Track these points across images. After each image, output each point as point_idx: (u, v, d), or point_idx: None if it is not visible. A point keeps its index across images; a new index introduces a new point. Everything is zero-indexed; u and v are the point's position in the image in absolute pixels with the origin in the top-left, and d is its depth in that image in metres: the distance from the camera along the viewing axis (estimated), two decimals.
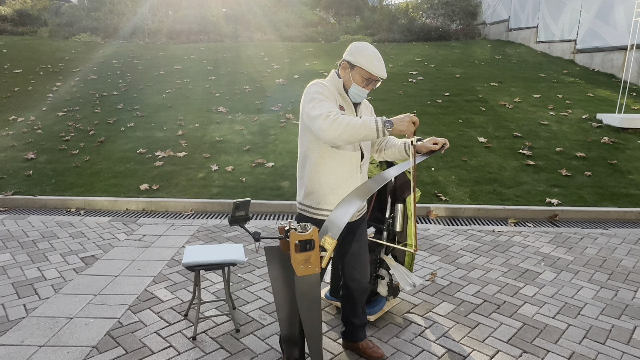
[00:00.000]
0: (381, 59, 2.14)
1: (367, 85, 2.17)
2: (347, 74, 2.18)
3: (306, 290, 1.91)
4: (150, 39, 15.50)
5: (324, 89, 2.13)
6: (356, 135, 1.95)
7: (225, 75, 10.42)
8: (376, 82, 2.18)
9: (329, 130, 1.95)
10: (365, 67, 2.11)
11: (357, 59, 2.13)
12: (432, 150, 2.29)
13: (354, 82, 2.16)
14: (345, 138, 1.96)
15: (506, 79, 10.09)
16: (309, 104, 2.08)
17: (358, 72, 2.14)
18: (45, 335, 2.68)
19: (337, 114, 1.99)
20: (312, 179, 2.22)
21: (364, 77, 2.14)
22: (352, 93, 2.20)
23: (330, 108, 2.03)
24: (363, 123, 1.95)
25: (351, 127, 1.94)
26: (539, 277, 3.62)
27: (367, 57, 2.11)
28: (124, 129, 7.36)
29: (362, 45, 2.16)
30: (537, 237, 4.55)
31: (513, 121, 7.65)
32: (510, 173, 6.03)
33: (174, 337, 2.69)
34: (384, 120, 1.96)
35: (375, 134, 1.95)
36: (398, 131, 2.00)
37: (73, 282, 3.38)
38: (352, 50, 2.17)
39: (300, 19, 17.11)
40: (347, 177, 2.22)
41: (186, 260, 2.62)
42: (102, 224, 4.69)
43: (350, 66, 2.16)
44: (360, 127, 1.94)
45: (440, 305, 3.13)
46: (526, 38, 13.95)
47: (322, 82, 2.19)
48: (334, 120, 1.95)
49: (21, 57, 11.93)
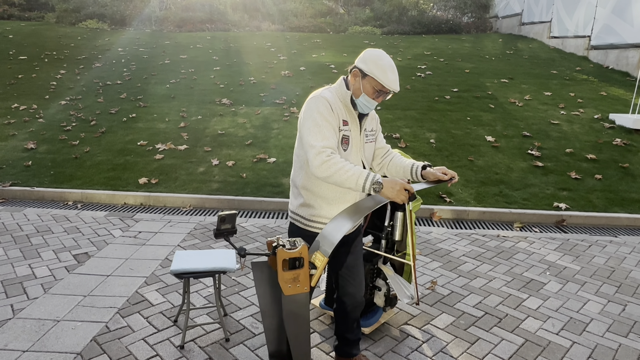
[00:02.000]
0: (396, 71, 1.98)
1: (378, 97, 2.01)
2: (358, 83, 2.01)
3: (294, 310, 1.80)
4: (157, 26, 15.36)
5: (325, 107, 1.95)
6: (341, 184, 1.88)
7: (231, 65, 10.28)
8: (387, 94, 2.01)
9: (317, 169, 1.87)
10: (378, 79, 1.94)
11: (371, 68, 1.96)
12: (440, 180, 2.18)
13: (363, 92, 2.00)
14: (331, 182, 1.90)
15: (517, 75, 9.84)
16: (308, 122, 1.94)
17: (369, 82, 1.98)
18: (30, 340, 2.60)
19: (331, 154, 1.87)
20: (307, 189, 2.10)
21: (376, 88, 1.98)
22: (360, 103, 2.04)
23: (326, 140, 1.90)
24: (351, 177, 1.84)
25: (339, 176, 1.85)
26: (543, 287, 3.49)
27: (381, 68, 1.94)
28: (125, 120, 7.27)
29: (377, 53, 1.98)
30: (543, 243, 4.40)
31: (522, 120, 7.45)
32: (518, 174, 5.86)
33: (162, 345, 2.61)
34: (374, 181, 1.83)
35: (360, 190, 1.87)
36: (386, 196, 1.86)
37: (64, 281, 3.31)
38: (365, 58, 1.99)
39: (309, 9, 16.86)
40: (344, 191, 2.08)
41: (175, 267, 2.52)
42: (98, 219, 4.61)
43: (362, 75, 1.99)
44: (347, 179, 1.85)
45: (440, 317, 3.02)
46: (539, 33, 13.61)
47: (327, 95, 1.99)
48: (325, 161, 1.85)
49: (27, 43, 11.86)
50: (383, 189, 1.85)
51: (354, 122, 2.08)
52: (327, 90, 2.05)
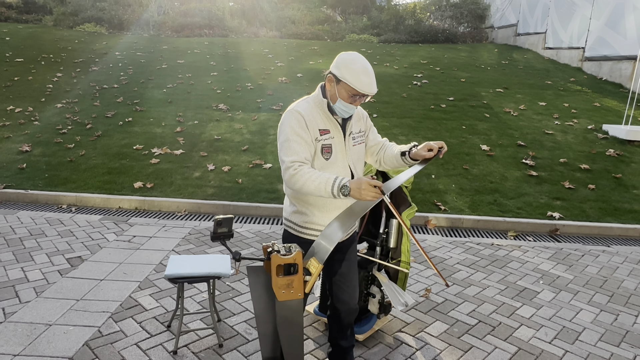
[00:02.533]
0: (370, 73, 1.95)
1: (354, 101, 1.98)
2: (333, 88, 1.99)
3: (287, 316, 1.80)
4: (155, 31, 15.39)
5: (297, 121, 1.95)
6: (313, 194, 1.89)
7: (228, 71, 10.31)
8: (364, 97, 1.99)
9: (288, 183, 1.92)
10: (351, 84, 1.91)
11: (343, 73, 1.93)
12: (427, 158, 2.11)
13: (339, 97, 1.98)
14: (304, 193, 1.93)
15: (512, 85, 9.94)
16: (280, 137, 1.97)
17: (344, 87, 1.95)
18: (22, 344, 2.58)
19: (299, 167, 1.88)
20: (297, 198, 2.10)
21: (350, 92, 1.95)
22: (338, 109, 2.01)
23: (295, 154, 1.91)
24: (319, 186, 1.84)
25: (307, 186, 1.86)
26: (537, 296, 3.51)
27: (353, 72, 1.92)
28: (121, 124, 7.26)
29: (349, 57, 1.96)
30: (537, 252, 4.43)
31: (517, 129, 7.51)
32: (512, 183, 5.90)
33: (154, 351, 2.59)
34: (342, 185, 1.80)
35: (331, 197, 1.86)
36: (356, 197, 1.79)
37: (56, 285, 3.29)
38: (338, 63, 1.97)
39: (307, 16, 16.96)
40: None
41: (169, 271, 2.52)
42: (93, 223, 4.59)
43: (336, 80, 1.97)
44: (316, 189, 1.85)
45: (433, 325, 3.02)
46: (534, 43, 13.77)
47: (300, 108, 1.99)
48: (293, 175, 1.88)
49: (24, 46, 11.84)
50: (351, 192, 1.79)
51: (335, 128, 2.05)
52: (304, 102, 2.05)
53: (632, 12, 9.78)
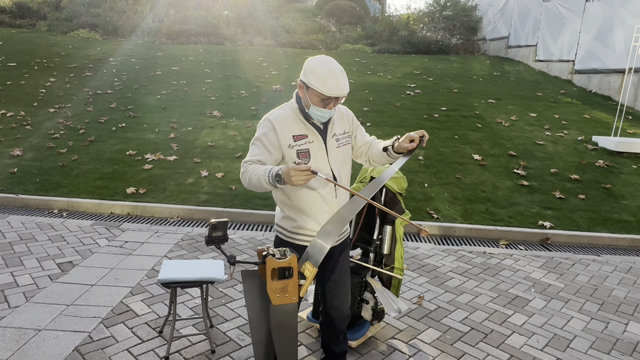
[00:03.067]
0: (337, 74, 1.90)
1: (327, 105, 1.97)
2: (305, 95, 1.99)
3: (282, 320, 1.80)
4: (149, 38, 15.39)
5: (265, 128, 2.00)
6: (258, 189, 1.93)
7: (223, 78, 10.33)
8: (337, 99, 1.97)
9: (243, 183, 1.98)
10: (318, 89, 1.90)
11: (309, 79, 1.92)
12: (411, 149, 2.11)
13: (312, 103, 1.97)
14: (255, 190, 1.96)
15: (504, 96, 10.07)
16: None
17: (313, 93, 1.94)
18: (10, 349, 2.54)
19: (247, 166, 1.96)
20: (284, 203, 2.11)
21: (320, 97, 1.94)
22: (313, 114, 2.01)
23: (250, 157, 1.99)
24: (259, 179, 1.88)
25: (252, 182, 1.92)
26: (528, 304, 3.53)
27: (318, 77, 1.90)
28: (115, 129, 7.23)
29: (315, 61, 1.94)
30: (528, 261, 4.46)
31: (509, 139, 7.60)
32: (504, 193, 5.96)
33: (146, 356, 2.57)
34: (274, 174, 1.82)
35: (272, 187, 1.88)
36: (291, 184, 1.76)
37: (46, 289, 3.25)
38: (305, 69, 1.96)
39: (302, 26, 17.08)
40: (320, 202, 2.07)
41: (162, 276, 2.51)
42: (84, 228, 4.55)
43: (305, 87, 1.97)
44: (257, 183, 1.90)
45: (426, 332, 3.03)
46: (525, 56, 13.98)
47: (274, 115, 2.02)
48: (242, 173, 1.97)
49: (17, 50, 11.78)
50: (284, 180, 1.79)
51: (312, 134, 2.04)
52: (280, 109, 2.08)
53: (620, 26, 9.99)
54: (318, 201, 2.07)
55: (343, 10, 18.82)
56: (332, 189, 2.08)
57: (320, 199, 2.07)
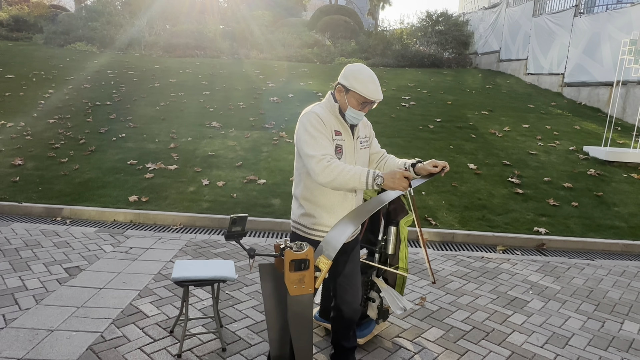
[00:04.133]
0: (376, 81, 2.13)
1: (363, 108, 2.16)
2: (343, 97, 2.16)
3: (298, 311, 1.88)
4: (146, 51, 15.54)
5: (317, 121, 2.11)
6: (345, 184, 1.99)
7: (220, 90, 10.46)
8: (372, 103, 2.17)
9: (320, 175, 2.00)
10: (360, 92, 2.09)
11: (352, 83, 2.11)
12: (432, 173, 2.28)
13: (349, 105, 2.15)
14: (335, 185, 2.01)
15: (496, 108, 10.30)
16: (304, 136, 2.09)
17: (353, 96, 2.12)
18: (24, 348, 2.59)
19: (331, 160, 2.01)
20: (306, 199, 2.21)
21: (359, 100, 2.12)
22: (349, 116, 2.18)
23: (324, 149, 2.05)
24: (354, 175, 1.97)
25: (342, 177, 1.98)
26: (527, 305, 3.63)
27: (361, 81, 2.09)
28: (115, 139, 7.30)
29: (356, 68, 2.14)
30: (525, 265, 4.58)
31: (503, 149, 7.78)
32: (500, 200, 6.10)
33: (159, 354, 2.62)
34: (375, 175, 1.97)
35: (364, 187, 1.99)
36: (388, 187, 1.98)
37: (55, 293, 3.29)
38: (346, 74, 2.15)
39: (297, 40, 17.35)
40: (341, 200, 2.20)
41: (175, 275, 2.58)
42: (88, 235, 4.60)
43: (345, 90, 2.14)
44: (350, 179, 1.97)
45: (430, 331, 3.11)
46: (516, 69, 14.32)
47: (317, 110, 2.15)
48: (327, 166, 1.99)
49: (14, 63, 11.85)
50: (385, 181, 1.97)
51: (346, 131, 2.22)
52: (317, 106, 2.21)
53: (607, 41, 10.32)
54: (339, 198, 2.19)
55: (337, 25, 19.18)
56: None
57: (342, 195, 2.19)
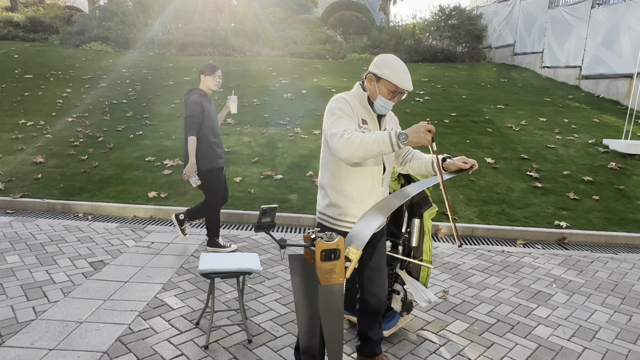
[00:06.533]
0: (407, 72, 2.14)
1: (393, 98, 2.16)
2: (373, 86, 2.18)
3: (330, 301, 1.88)
4: (160, 50, 15.66)
5: (344, 104, 2.14)
6: (370, 151, 1.97)
7: (234, 88, 10.50)
8: (402, 94, 2.17)
9: (343, 149, 1.99)
10: (392, 80, 2.11)
11: (384, 71, 2.13)
12: (461, 169, 2.27)
13: (379, 94, 2.16)
14: (360, 155, 1.98)
15: (512, 102, 10.18)
16: (329, 119, 2.12)
17: (384, 85, 2.14)
18: (55, 339, 2.64)
19: (352, 132, 2.00)
20: (333, 189, 2.22)
21: (390, 89, 2.14)
22: (378, 105, 2.19)
23: (346, 126, 2.05)
24: (376, 139, 1.95)
25: (364, 143, 1.96)
26: (551, 298, 3.59)
27: (393, 70, 2.11)
28: (132, 137, 7.39)
29: (388, 57, 2.16)
30: (547, 258, 4.52)
31: (520, 143, 7.68)
32: (518, 194, 6.03)
33: (186, 346, 2.65)
34: (398, 133, 1.95)
35: (390, 148, 1.96)
36: (414, 143, 1.95)
37: (82, 286, 3.35)
38: (378, 63, 2.17)
39: (309, 36, 17.33)
40: (368, 190, 2.21)
41: (202, 267, 2.60)
42: (110, 230, 4.66)
43: (377, 78, 2.16)
44: (373, 143, 1.95)
45: (454, 324, 3.10)
46: (531, 63, 14.12)
47: (345, 96, 2.19)
48: (348, 138, 1.98)
49: (32, 63, 12.04)
50: (409, 138, 1.94)
51: (373, 121, 2.23)
52: (345, 94, 2.23)
53: (626, 31, 10.12)
54: (366, 188, 2.19)
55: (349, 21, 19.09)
56: (380, 177, 2.23)
57: (369, 185, 2.19)
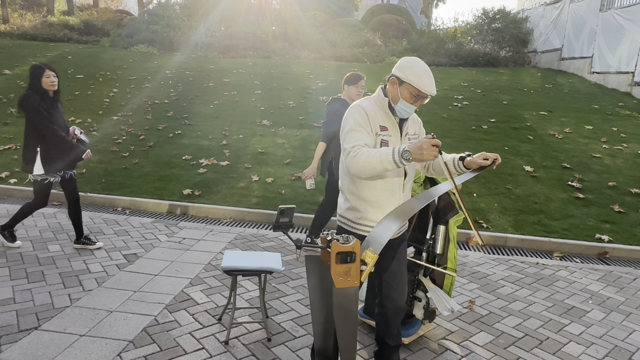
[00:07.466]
0: (431, 76, 2.10)
1: (415, 102, 2.12)
2: (395, 90, 2.13)
3: (343, 303, 1.88)
4: (202, 52, 16.14)
5: (360, 114, 2.10)
6: (374, 169, 1.95)
7: (271, 90, 10.67)
8: (425, 98, 2.13)
9: (350, 167, 2.00)
10: (414, 84, 2.06)
11: (407, 75, 2.09)
12: (483, 166, 2.20)
13: (401, 97, 2.12)
14: (366, 173, 1.98)
15: (556, 108, 9.77)
16: (345, 129, 2.11)
17: (406, 88, 2.10)
18: (86, 326, 2.77)
19: (358, 149, 1.98)
20: (352, 193, 2.21)
21: (413, 93, 2.09)
22: (399, 109, 2.15)
23: (356, 141, 2.03)
24: (380, 157, 1.92)
25: (368, 162, 1.94)
26: (586, 315, 3.42)
27: (416, 74, 2.07)
28: (171, 136, 7.65)
29: (412, 60, 2.12)
30: (585, 273, 4.31)
31: (562, 152, 7.36)
32: (558, 205, 5.78)
33: (207, 340, 2.72)
34: (402, 151, 1.89)
35: (394, 166, 1.92)
36: (419, 160, 1.88)
37: (115, 277, 3.50)
38: (401, 66, 2.13)
39: (348, 39, 17.35)
40: (388, 195, 2.18)
41: (225, 264, 2.66)
42: (146, 225, 4.85)
43: (399, 82, 2.12)
44: (377, 162, 1.93)
45: (478, 335, 3.01)
46: (579, 68, 13.50)
47: (363, 104, 2.15)
48: (354, 156, 1.98)
49: (83, 64, 12.71)
50: (412, 155, 1.88)
51: (393, 127, 2.18)
52: (365, 100, 2.20)
53: None
54: (386, 193, 2.17)
55: (389, 24, 18.97)
56: (400, 182, 2.20)
57: (389, 191, 2.17)
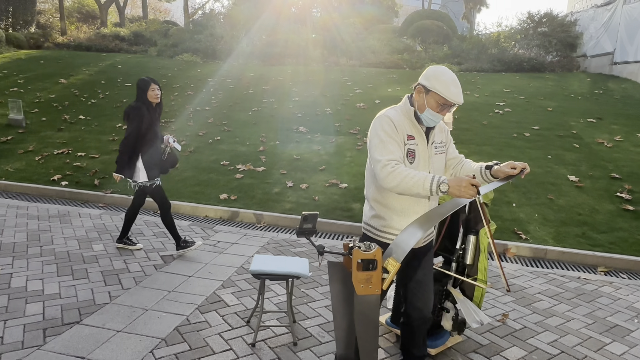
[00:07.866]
0: (458, 84, 2.07)
1: (442, 111, 2.10)
2: (422, 98, 2.12)
3: (364, 311, 1.88)
4: (243, 60, 16.57)
5: (388, 124, 2.09)
6: (409, 190, 1.96)
7: (309, 97, 10.80)
8: (451, 107, 2.11)
9: (384, 180, 1.99)
10: (441, 93, 2.05)
11: (433, 83, 2.07)
12: (511, 175, 2.15)
13: (428, 106, 2.10)
14: (399, 191, 1.99)
15: (606, 115, 9.29)
16: (374, 139, 2.10)
17: (433, 97, 2.08)
18: (123, 322, 2.91)
19: (396, 165, 1.98)
20: (377, 201, 2.21)
21: (439, 102, 2.08)
22: (426, 117, 2.14)
23: (391, 154, 2.03)
24: (417, 181, 1.93)
25: (405, 182, 1.94)
26: (630, 334, 3.22)
27: (443, 83, 2.05)
28: (211, 142, 7.90)
29: (439, 69, 2.10)
30: (632, 290, 4.06)
31: (611, 161, 6.99)
32: (604, 217, 5.49)
33: (235, 341, 2.79)
34: (440, 182, 1.90)
35: (428, 194, 1.94)
36: (455, 195, 1.89)
37: (152, 277, 3.65)
38: (428, 75, 2.11)
39: (387, 46, 17.29)
40: (413, 203, 2.16)
41: (254, 267, 2.72)
42: (183, 227, 5.02)
43: (426, 90, 2.10)
44: (414, 185, 1.93)
45: (510, 350, 2.91)
46: (633, 72, 12.78)
47: (390, 114, 2.14)
48: (391, 172, 1.97)
49: (132, 73, 13.37)
50: (450, 189, 1.89)
51: (420, 136, 2.17)
52: (391, 109, 2.19)
53: None
54: (411, 201, 2.16)
55: (429, 30, 18.74)
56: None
57: (414, 199, 2.15)
